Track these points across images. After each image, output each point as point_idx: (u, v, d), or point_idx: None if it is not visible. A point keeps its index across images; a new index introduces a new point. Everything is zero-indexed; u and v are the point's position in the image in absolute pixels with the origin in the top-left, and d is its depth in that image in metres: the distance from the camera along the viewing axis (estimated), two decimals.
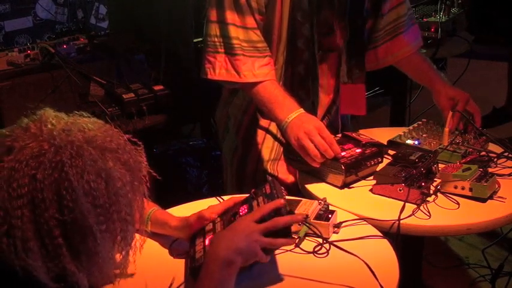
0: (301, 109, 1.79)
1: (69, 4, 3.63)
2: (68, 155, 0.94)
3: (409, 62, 2.13)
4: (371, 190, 1.68)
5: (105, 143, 0.99)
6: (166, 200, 1.59)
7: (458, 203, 1.61)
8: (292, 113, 1.77)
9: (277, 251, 1.37)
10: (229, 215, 1.40)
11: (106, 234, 0.98)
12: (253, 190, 1.45)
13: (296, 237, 1.45)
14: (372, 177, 1.72)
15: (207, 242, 1.34)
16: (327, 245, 1.42)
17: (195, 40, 3.27)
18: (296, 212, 1.50)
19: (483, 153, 1.84)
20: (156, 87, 2.64)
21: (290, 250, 1.41)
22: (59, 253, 0.93)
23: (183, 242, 1.44)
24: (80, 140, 0.96)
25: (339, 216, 1.53)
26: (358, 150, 1.76)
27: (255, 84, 1.85)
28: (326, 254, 1.40)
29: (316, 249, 1.42)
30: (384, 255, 1.40)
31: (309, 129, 1.71)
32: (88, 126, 1.00)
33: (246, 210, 1.36)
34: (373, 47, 2.12)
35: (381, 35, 2.10)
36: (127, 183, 1.00)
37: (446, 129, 1.89)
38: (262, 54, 1.86)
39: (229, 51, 1.85)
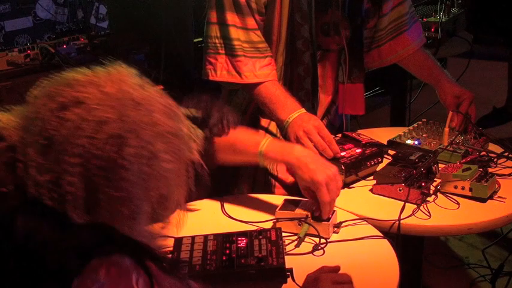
0: (303, 109, 1.80)
1: (69, 4, 3.64)
2: (129, 131, 0.92)
3: (413, 59, 2.13)
4: (371, 190, 1.68)
5: (165, 128, 0.98)
6: None
7: (458, 203, 1.61)
8: (293, 112, 1.78)
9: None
10: (225, 240, 1.40)
11: (143, 215, 0.98)
12: (258, 228, 1.49)
13: (296, 237, 1.46)
14: (372, 177, 1.72)
15: (194, 253, 1.35)
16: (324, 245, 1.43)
17: (195, 40, 3.28)
18: (296, 212, 1.51)
19: (483, 153, 1.84)
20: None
21: (290, 251, 1.42)
22: (97, 211, 0.92)
23: None
24: (143, 121, 0.94)
25: (339, 216, 1.53)
26: (358, 150, 1.77)
27: (257, 85, 1.86)
28: (323, 253, 1.41)
29: (314, 250, 1.42)
30: (384, 255, 1.41)
31: (308, 128, 1.72)
32: (156, 106, 0.98)
33: (244, 244, 1.37)
34: (376, 46, 2.12)
35: (383, 34, 2.10)
36: (172, 169, 0.99)
37: (446, 129, 1.89)
38: (263, 55, 1.86)
39: (230, 52, 1.85)
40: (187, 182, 1.06)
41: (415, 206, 1.57)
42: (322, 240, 1.45)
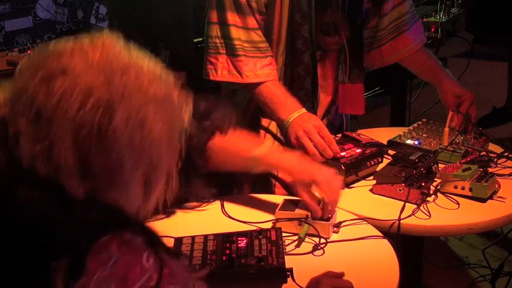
0: (303, 109, 1.80)
1: (69, 4, 3.64)
2: (117, 97, 0.91)
3: (414, 59, 2.13)
4: (371, 190, 1.69)
5: (155, 92, 0.96)
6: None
7: (458, 203, 1.61)
8: (294, 112, 1.78)
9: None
10: (225, 240, 1.40)
11: (136, 185, 0.97)
12: (258, 228, 1.49)
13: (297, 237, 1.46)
14: (372, 177, 1.72)
15: (194, 253, 1.35)
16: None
17: (195, 40, 3.27)
18: (296, 212, 1.51)
19: (483, 153, 1.84)
20: None
21: (290, 251, 1.42)
22: (91, 180, 0.92)
23: None
24: (131, 87, 0.93)
25: (339, 216, 1.53)
26: (358, 150, 1.77)
27: (257, 84, 1.86)
28: (323, 253, 1.41)
29: (314, 250, 1.42)
30: (384, 255, 1.41)
31: (308, 128, 1.72)
32: (144, 70, 0.97)
33: (244, 244, 1.38)
34: (377, 46, 2.13)
35: (384, 33, 2.10)
36: (163, 137, 0.98)
37: (446, 129, 1.89)
38: (264, 55, 1.87)
39: (231, 52, 1.85)
40: (179, 150, 1.04)
41: (415, 206, 1.57)
42: (322, 240, 1.45)
